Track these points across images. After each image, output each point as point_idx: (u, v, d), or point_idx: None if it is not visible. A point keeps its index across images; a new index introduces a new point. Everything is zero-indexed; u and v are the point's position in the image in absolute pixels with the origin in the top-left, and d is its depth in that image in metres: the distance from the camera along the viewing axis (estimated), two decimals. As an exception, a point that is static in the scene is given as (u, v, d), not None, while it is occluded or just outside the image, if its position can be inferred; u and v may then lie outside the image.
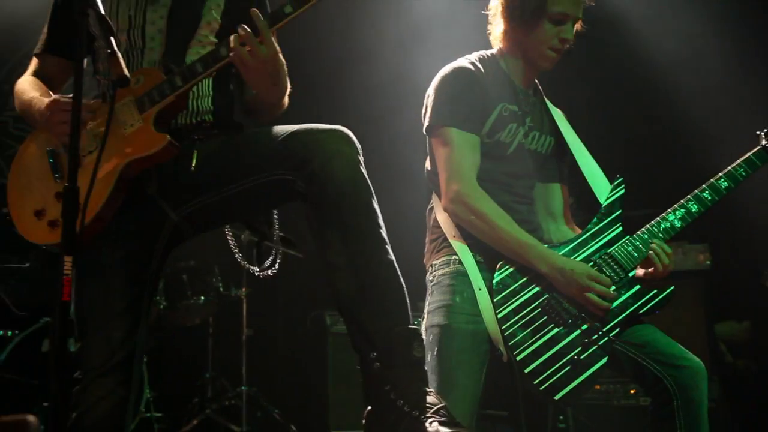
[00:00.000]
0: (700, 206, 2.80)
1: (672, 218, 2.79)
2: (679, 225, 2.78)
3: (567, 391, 2.50)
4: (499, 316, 2.56)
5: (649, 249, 2.72)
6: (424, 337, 2.61)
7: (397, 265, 2.12)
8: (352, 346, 2.10)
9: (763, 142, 2.93)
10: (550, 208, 3.00)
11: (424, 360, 2.10)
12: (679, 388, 2.59)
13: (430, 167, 2.93)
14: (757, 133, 2.97)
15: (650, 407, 2.72)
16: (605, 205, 2.82)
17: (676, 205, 2.82)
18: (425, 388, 2.03)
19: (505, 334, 2.53)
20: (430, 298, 2.80)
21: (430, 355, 2.63)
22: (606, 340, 2.59)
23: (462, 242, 2.73)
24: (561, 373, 2.52)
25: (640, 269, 2.76)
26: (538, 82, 3.03)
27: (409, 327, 2.07)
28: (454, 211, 2.70)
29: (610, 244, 2.75)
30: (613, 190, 2.85)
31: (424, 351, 2.11)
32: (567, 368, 2.53)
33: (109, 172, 2.22)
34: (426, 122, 2.83)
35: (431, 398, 1.99)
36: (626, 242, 2.75)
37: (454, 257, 2.74)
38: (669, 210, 2.81)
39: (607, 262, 2.71)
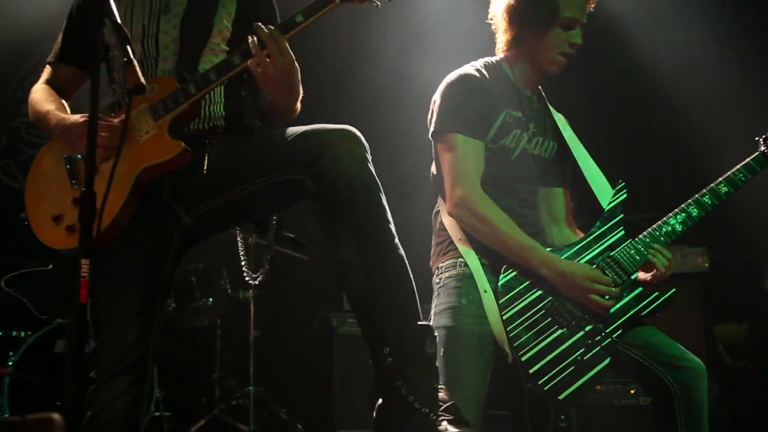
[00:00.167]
0: (700, 210, 2.81)
1: (673, 222, 2.80)
2: (680, 229, 2.79)
3: (571, 390, 2.51)
4: (504, 317, 2.57)
5: (650, 252, 2.73)
6: None
7: (407, 261, 2.13)
8: (365, 342, 2.10)
9: (762, 147, 2.93)
10: (552, 212, 3.01)
11: (436, 356, 2.11)
12: (680, 389, 2.60)
13: (435, 171, 2.94)
14: (756, 139, 2.97)
15: (651, 407, 2.73)
16: (608, 209, 2.82)
17: (677, 210, 2.82)
18: (436, 384, 2.04)
19: (510, 336, 2.54)
20: (436, 300, 2.81)
21: (436, 359, 2.63)
22: (609, 341, 2.60)
23: (468, 245, 2.74)
24: (565, 373, 2.53)
25: (641, 273, 2.77)
26: (541, 89, 3.05)
27: (421, 323, 2.08)
28: (459, 215, 2.72)
29: (612, 248, 2.76)
30: (616, 195, 2.85)
31: (436, 347, 2.11)
32: (571, 369, 2.53)
33: (125, 178, 2.23)
34: (432, 128, 2.84)
35: (441, 395, 2.00)
36: (628, 245, 2.76)
37: (460, 260, 2.76)
38: (670, 214, 2.82)
39: (609, 265, 2.71)
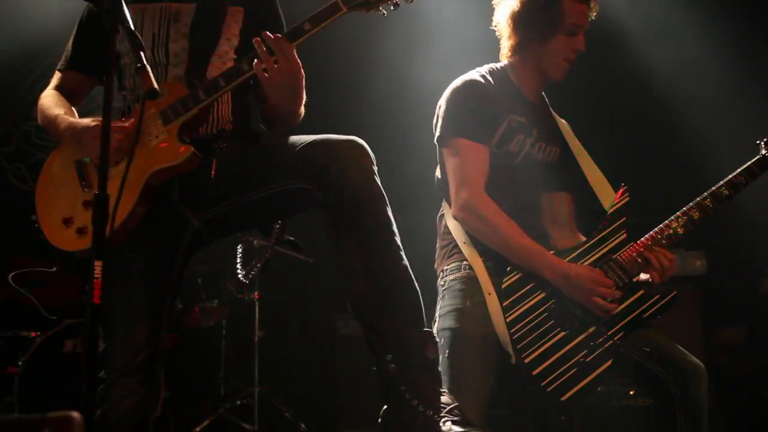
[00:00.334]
0: (702, 214, 2.81)
1: (675, 225, 2.80)
2: (681, 232, 2.79)
3: (573, 392, 2.51)
4: (508, 320, 2.57)
5: (652, 254, 2.74)
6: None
7: (411, 271, 2.14)
8: (369, 348, 2.11)
9: (763, 151, 2.93)
10: (555, 216, 3.00)
11: (438, 361, 2.12)
12: (680, 390, 2.60)
13: (440, 176, 2.94)
14: (757, 142, 2.98)
15: (652, 408, 2.73)
16: (611, 212, 2.83)
17: (678, 213, 2.82)
18: (439, 388, 2.05)
19: (514, 338, 2.54)
20: (441, 302, 2.81)
21: (441, 358, 2.62)
22: (611, 343, 2.60)
23: (472, 248, 2.74)
24: (568, 375, 2.53)
25: (642, 274, 2.77)
26: (544, 94, 3.04)
27: (424, 330, 2.09)
28: (464, 218, 2.72)
29: (615, 251, 2.76)
30: (619, 198, 2.86)
31: (438, 353, 2.11)
32: (573, 370, 2.53)
33: (135, 182, 2.24)
34: (437, 132, 2.84)
35: (445, 398, 2.01)
36: (631, 248, 2.76)
37: (464, 263, 2.76)
38: (672, 217, 2.82)
39: (611, 267, 2.71)
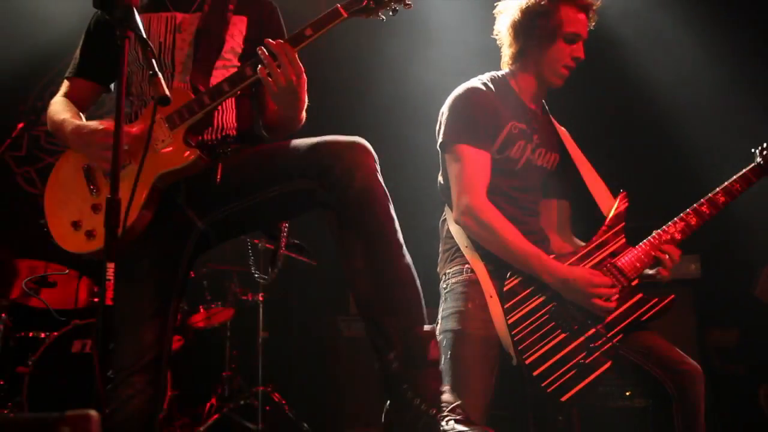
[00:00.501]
0: (699, 219, 2.83)
1: (673, 231, 2.82)
2: (679, 237, 2.81)
3: (573, 393, 2.53)
4: (510, 322, 2.58)
5: (661, 251, 2.76)
6: (439, 341, 2.62)
7: (414, 268, 2.14)
8: (372, 346, 2.11)
9: (758, 159, 2.96)
10: (553, 221, 3.02)
11: (440, 360, 2.12)
12: (678, 391, 2.61)
13: (442, 181, 2.94)
14: (753, 150, 3.00)
15: (650, 409, 2.74)
16: (610, 217, 2.85)
17: (676, 218, 2.84)
18: (441, 387, 2.05)
19: (515, 339, 2.56)
20: (443, 304, 2.81)
21: (443, 359, 2.63)
22: (610, 345, 2.61)
23: (474, 252, 2.75)
24: (568, 376, 2.54)
25: (649, 270, 2.79)
26: (544, 102, 3.05)
27: (426, 328, 2.08)
28: (465, 223, 2.73)
29: (614, 255, 2.78)
30: (618, 204, 2.87)
31: (440, 351, 2.11)
32: (573, 371, 2.55)
33: (143, 185, 2.24)
34: (440, 139, 2.86)
35: (447, 397, 2.01)
36: (629, 252, 2.77)
37: (466, 266, 2.77)
38: (669, 223, 2.84)
39: (611, 271, 2.73)
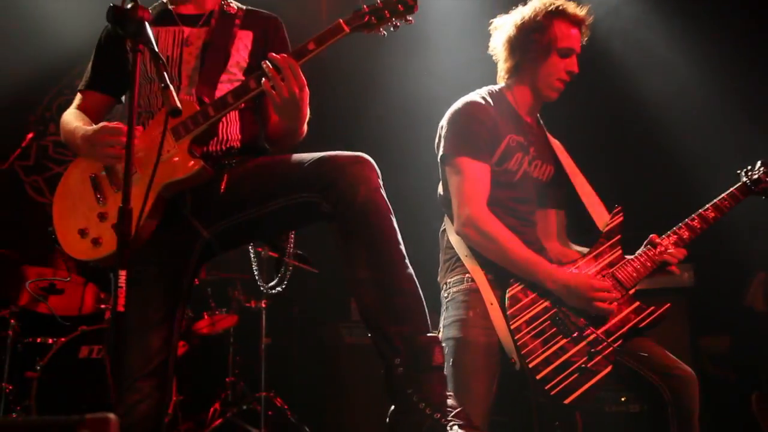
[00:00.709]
0: (691, 233, 2.87)
1: (666, 243, 2.85)
2: (672, 249, 2.82)
3: (575, 396, 2.53)
4: (512, 327, 2.58)
5: (653, 266, 2.80)
6: None
7: (416, 279, 2.15)
8: (377, 353, 2.12)
9: (744, 179, 3.03)
10: (549, 230, 3.03)
11: (444, 365, 2.12)
12: (673, 396, 2.62)
13: (442, 192, 2.95)
14: (738, 172, 3.08)
15: (646, 413, 2.75)
16: (606, 230, 2.87)
17: (669, 232, 2.88)
18: (445, 391, 2.06)
19: (518, 344, 2.56)
20: (445, 313, 2.82)
21: (446, 365, 2.62)
22: (610, 350, 2.61)
23: (474, 261, 2.76)
24: (570, 379, 2.54)
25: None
26: (539, 116, 3.06)
27: (430, 335, 2.10)
28: (466, 234, 2.73)
29: (611, 265, 2.80)
30: (613, 217, 2.89)
31: (444, 356, 2.12)
32: (575, 375, 2.55)
33: (149, 194, 2.23)
34: (440, 152, 2.87)
35: (451, 401, 2.02)
36: (625, 263, 2.80)
37: (467, 275, 2.77)
38: (663, 236, 2.88)
39: (610, 281, 2.73)
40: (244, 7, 2.67)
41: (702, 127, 5.18)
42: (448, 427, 1.92)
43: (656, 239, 2.86)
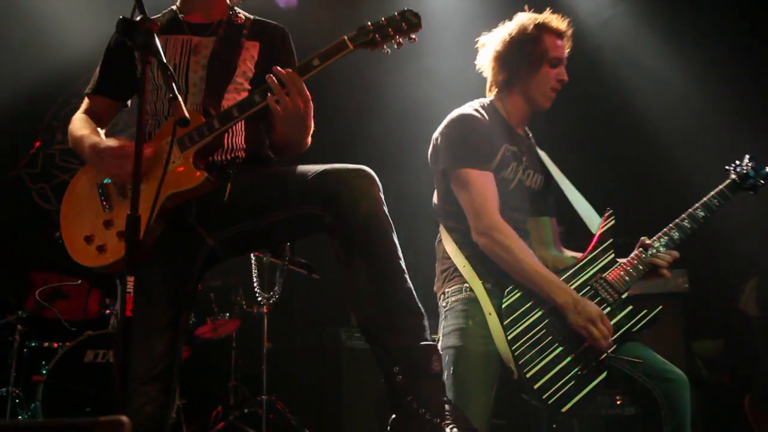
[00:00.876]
0: (681, 233, 2.88)
1: (657, 245, 2.85)
2: (663, 250, 2.83)
3: (572, 403, 2.52)
4: (509, 337, 2.57)
5: (645, 269, 2.80)
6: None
7: (414, 292, 2.16)
8: (376, 363, 2.12)
9: (732, 175, 3.03)
10: (541, 237, 3.02)
11: (442, 372, 2.12)
12: (666, 399, 2.63)
13: (437, 201, 2.96)
14: (726, 168, 3.07)
15: (640, 416, 2.75)
16: (598, 235, 2.87)
17: (660, 233, 2.88)
18: (444, 397, 2.04)
19: (516, 354, 2.54)
20: (444, 322, 2.81)
21: (446, 374, 2.62)
22: (604, 356, 2.61)
23: (472, 271, 2.75)
24: (566, 387, 2.53)
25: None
26: (527, 128, 3.10)
27: (428, 343, 2.09)
28: (484, 244, 2.70)
29: (604, 270, 2.80)
30: (605, 222, 2.90)
31: (442, 363, 2.12)
32: (571, 383, 2.54)
33: (151, 204, 2.24)
34: (442, 165, 2.85)
35: (449, 407, 2.01)
36: (618, 267, 2.80)
37: (465, 285, 2.76)
38: (654, 237, 2.87)
39: (602, 286, 2.74)
40: (252, 17, 2.68)
41: (692, 133, 5.20)
42: (448, 430, 1.91)
43: (647, 242, 2.86)
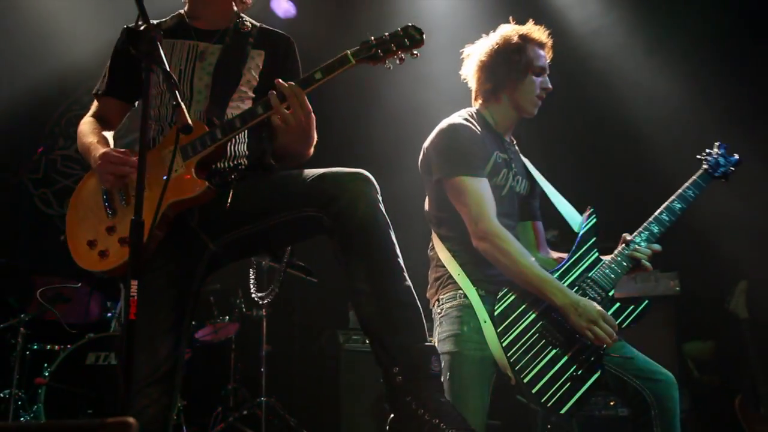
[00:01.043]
0: (660, 227, 2.90)
1: (638, 240, 2.86)
2: (644, 245, 2.85)
3: (571, 404, 2.52)
4: (504, 344, 2.57)
5: (628, 265, 2.81)
6: None
7: (413, 290, 2.18)
8: (376, 362, 2.14)
9: (704, 165, 3.07)
10: (530, 242, 3.05)
11: (441, 373, 2.13)
12: (656, 399, 2.64)
13: (429, 209, 2.98)
14: (698, 157, 3.11)
15: (630, 417, 2.75)
16: (581, 234, 2.88)
17: (640, 228, 2.90)
18: (442, 398, 2.06)
19: (511, 360, 2.55)
20: (439, 328, 2.81)
21: (442, 379, 2.64)
22: (597, 354, 2.62)
23: (466, 279, 2.76)
24: (563, 389, 2.54)
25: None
26: (512, 136, 3.13)
27: (427, 344, 2.11)
28: (484, 249, 2.70)
29: (590, 269, 2.81)
30: (587, 220, 2.91)
31: (441, 365, 2.13)
32: (568, 384, 2.54)
33: (153, 211, 2.25)
34: (436, 175, 2.85)
35: (448, 408, 2.02)
36: (603, 266, 2.82)
37: (459, 292, 2.77)
38: (635, 233, 2.89)
39: (590, 285, 2.75)
40: (258, 25, 2.69)
41: (679, 139, 5.21)
42: (446, 430, 1.92)
43: (628, 238, 2.87)
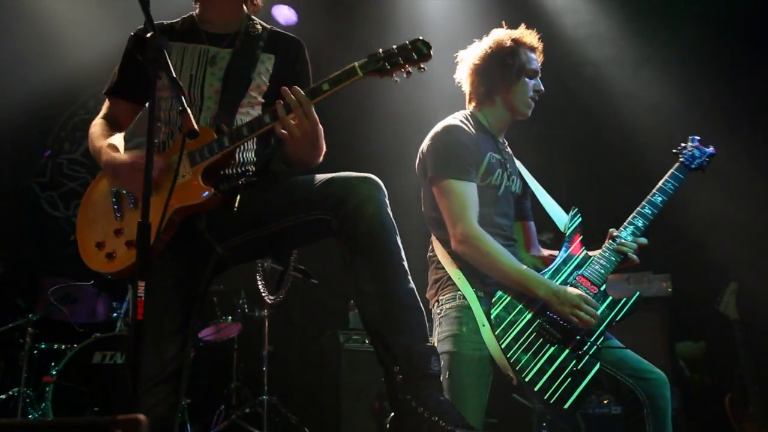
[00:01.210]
0: (644, 220, 2.90)
1: (624, 234, 2.87)
2: (630, 239, 2.86)
3: (573, 399, 2.54)
4: (503, 346, 2.59)
5: (616, 260, 2.82)
6: None
7: (417, 293, 2.18)
8: (378, 362, 2.14)
9: (681, 158, 3.08)
10: (523, 241, 3.08)
11: (441, 373, 2.15)
12: (648, 398, 2.66)
13: (427, 211, 3.00)
14: (674, 151, 3.12)
15: (623, 415, 2.77)
16: (569, 234, 2.91)
17: (625, 223, 2.91)
18: (442, 397, 2.07)
19: (511, 361, 2.56)
20: (438, 328, 2.83)
21: (441, 378, 2.66)
22: (594, 348, 2.65)
23: (465, 281, 2.78)
24: (564, 385, 2.55)
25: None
26: (504, 138, 3.16)
27: (428, 345, 2.12)
28: (463, 251, 2.74)
29: (579, 267, 2.83)
30: (572, 219, 2.94)
31: (440, 365, 2.16)
32: (569, 380, 2.56)
33: (160, 216, 2.25)
34: (429, 174, 2.88)
35: (447, 406, 2.04)
36: (593, 262, 2.84)
37: (458, 293, 2.79)
38: (621, 227, 2.90)
39: (580, 283, 2.77)
40: (269, 27, 2.65)
41: (671, 141, 5.26)
42: (446, 428, 1.93)
43: (614, 233, 2.88)
